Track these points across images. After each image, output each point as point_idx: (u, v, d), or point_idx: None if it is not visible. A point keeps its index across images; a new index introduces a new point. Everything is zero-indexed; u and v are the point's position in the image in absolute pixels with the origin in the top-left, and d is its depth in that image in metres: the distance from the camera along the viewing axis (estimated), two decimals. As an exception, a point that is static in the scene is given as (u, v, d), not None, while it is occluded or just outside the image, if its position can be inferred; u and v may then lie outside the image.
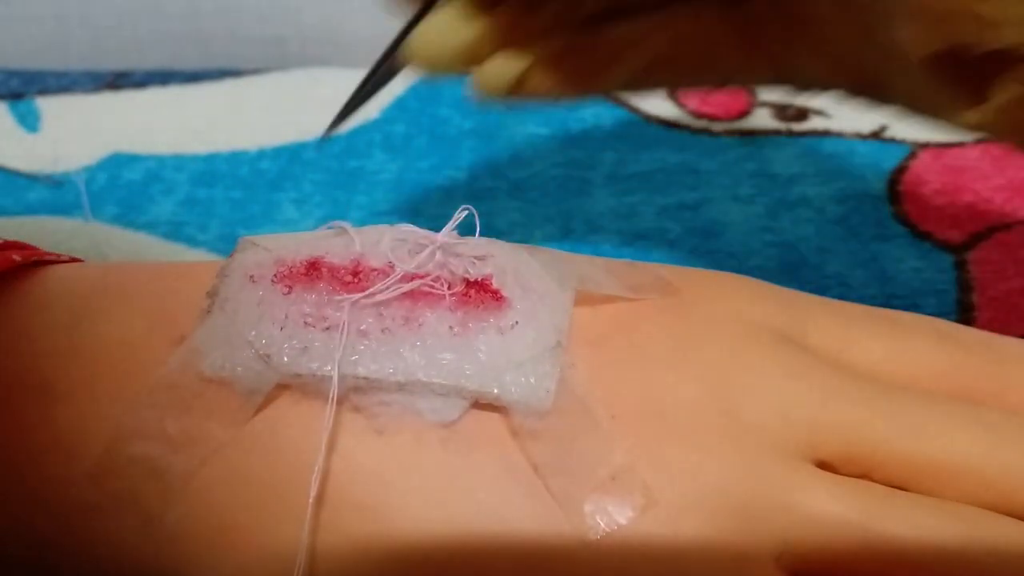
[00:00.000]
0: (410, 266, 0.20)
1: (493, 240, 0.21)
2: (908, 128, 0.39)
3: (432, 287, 0.20)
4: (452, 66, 0.26)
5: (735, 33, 0.26)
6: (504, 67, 0.26)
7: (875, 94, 0.25)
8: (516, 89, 0.26)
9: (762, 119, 0.41)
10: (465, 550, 0.18)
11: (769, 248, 0.34)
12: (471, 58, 0.26)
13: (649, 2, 0.26)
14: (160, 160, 0.40)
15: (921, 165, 0.38)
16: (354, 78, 0.46)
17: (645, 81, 0.27)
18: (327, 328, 0.19)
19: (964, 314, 0.32)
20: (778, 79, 0.27)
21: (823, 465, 0.19)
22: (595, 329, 0.20)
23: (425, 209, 0.37)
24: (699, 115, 0.41)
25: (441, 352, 0.19)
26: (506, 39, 0.26)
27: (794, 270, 0.34)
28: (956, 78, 0.22)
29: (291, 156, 0.41)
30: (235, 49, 0.45)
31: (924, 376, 0.21)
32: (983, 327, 0.23)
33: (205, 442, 0.19)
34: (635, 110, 0.42)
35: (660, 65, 0.27)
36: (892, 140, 0.39)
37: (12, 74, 0.46)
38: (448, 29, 0.25)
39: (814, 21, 0.24)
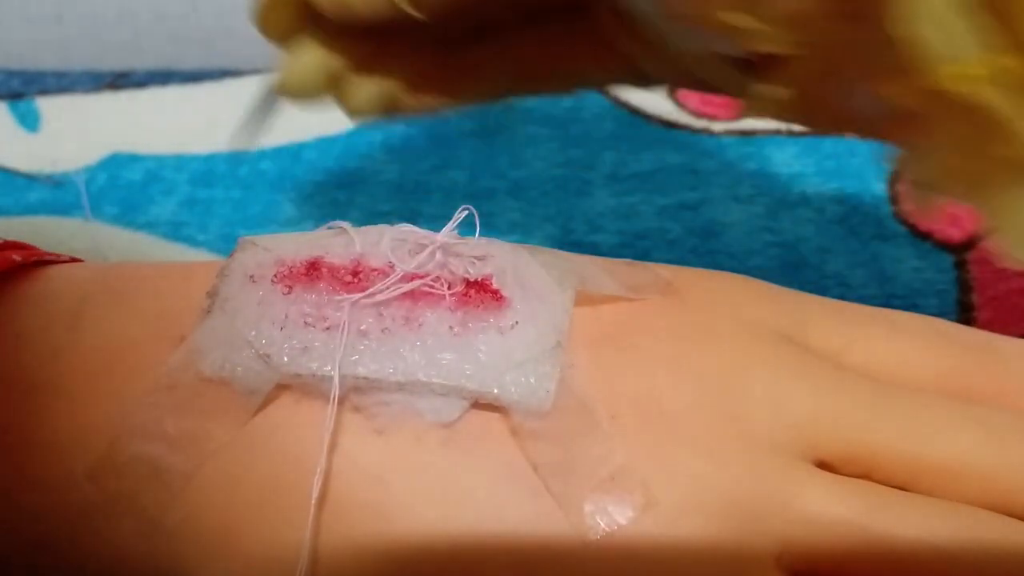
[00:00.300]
0: (410, 266, 0.20)
1: (493, 240, 0.21)
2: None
3: (432, 287, 0.20)
4: (319, 93, 0.28)
5: (586, 41, 0.28)
6: (368, 89, 0.28)
7: (711, 88, 0.27)
8: (387, 108, 0.28)
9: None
10: (465, 550, 0.18)
11: (769, 248, 0.34)
12: (336, 84, 0.27)
13: (504, 22, 0.28)
14: (160, 160, 0.40)
15: (921, 165, 0.38)
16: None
17: (511, 90, 0.29)
18: (327, 328, 0.19)
19: (964, 314, 0.32)
20: (631, 79, 0.29)
21: (823, 465, 0.19)
22: (595, 329, 0.20)
23: (425, 209, 0.37)
24: (699, 115, 0.41)
25: (441, 352, 0.19)
26: (368, 65, 0.27)
27: (794, 270, 0.34)
28: (747, 73, 0.24)
29: (291, 156, 0.41)
30: (235, 49, 0.45)
31: (924, 376, 0.21)
32: (983, 327, 0.23)
33: (205, 442, 0.19)
34: (635, 110, 0.42)
35: (522, 75, 0.29)
36: (892, 140, 0.39)
37: (12, 74, 0.46)
38: (312, 60, 0.27)
39: (638, 33, 0.26)
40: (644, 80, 0.29)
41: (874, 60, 0.21)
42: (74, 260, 0.23)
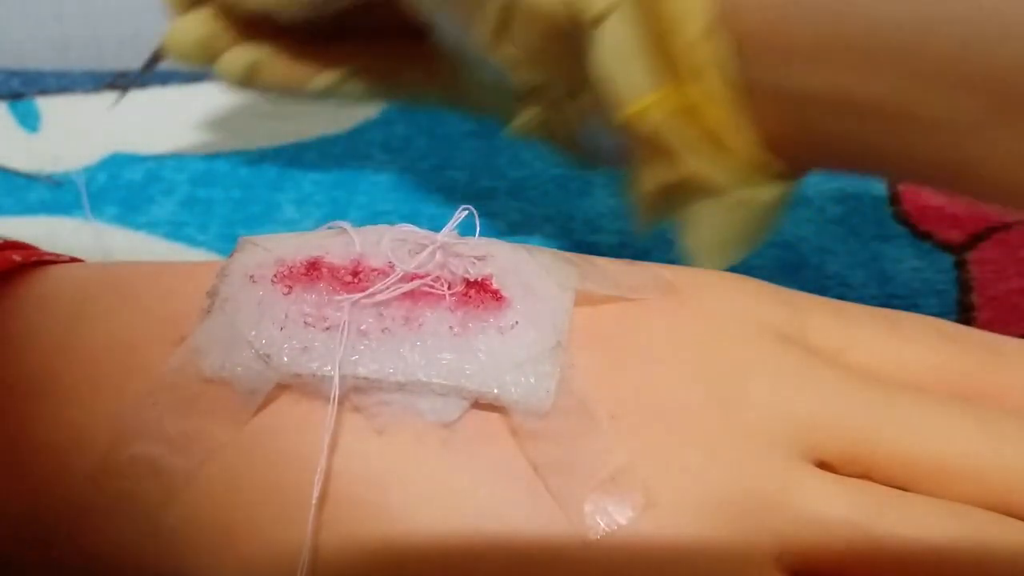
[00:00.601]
0: (410, 266, 0.20)
1: (493, 240, 0.21)
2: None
3: (432, 287, 0.20)
4: (195, 58, 0.34)
5: (417, 61, 0.34)
6: (235, 61, 0.34)
7: (500, 115, 0.31)
8: (248, 80, 0.34)
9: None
10: (465, 550, 0.18)
11: (769, 248, 0.34)
12: (210, 52, 0.34)
13: (360, 28, 0.34)
14: (160, 160, 0.40)
15: (921, 165, 0.38)
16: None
17: (353, 89, 0.35)
18: (327, 328, 0.19)
19: (964, 314, 0.32)
20: (450, 103, 0.35)
21: (823, 465, 0.19)
22: (595, 329, 0.20)
23: (425, 209, 0.37)
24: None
25: (441, 352, 0.19)
26: (234, 38, 0.34)
27: (794, 270, 0.34)
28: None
29: (291, 156, 0.41)
30: (235, 49, 0.46)
31: (924, 376, 0.21)
32: (983, 327, 0.23)
33: (205, 442, 0.19)
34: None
35: (364, 75, 0.34)
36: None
37: (12, 74, 0.46)
38: (189, 28, 0.34)
39: (453, 61, 0.31)
40: (463, 105, 0.34)
41: (591, 94, 0.23)
42: (74, 260, 0.23)
